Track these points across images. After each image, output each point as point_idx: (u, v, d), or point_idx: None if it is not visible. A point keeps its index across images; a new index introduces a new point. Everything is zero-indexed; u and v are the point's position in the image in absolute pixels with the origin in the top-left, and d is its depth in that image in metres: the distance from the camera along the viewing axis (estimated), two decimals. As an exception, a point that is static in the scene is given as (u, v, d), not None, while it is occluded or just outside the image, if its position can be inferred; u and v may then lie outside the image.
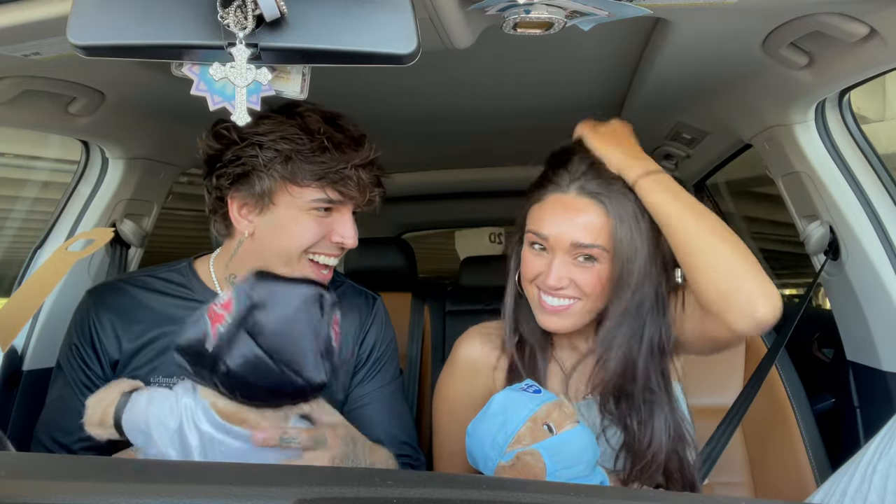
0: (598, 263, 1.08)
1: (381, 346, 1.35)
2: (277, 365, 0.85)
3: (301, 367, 0.86)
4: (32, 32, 0.94)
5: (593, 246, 1.07)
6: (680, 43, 1.16)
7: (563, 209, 1.09)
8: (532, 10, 0.88)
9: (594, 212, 1.08)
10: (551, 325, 1.13)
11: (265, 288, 0.88)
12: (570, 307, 1.11)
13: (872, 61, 1.08)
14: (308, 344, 0.87)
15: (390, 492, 0.50)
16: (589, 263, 1.08)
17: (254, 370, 0.85)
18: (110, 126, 1.47)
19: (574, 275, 1.08)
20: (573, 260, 1.09)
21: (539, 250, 1.12)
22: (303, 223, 1.14)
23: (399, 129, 1.94)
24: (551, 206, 1.11)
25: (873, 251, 1.32)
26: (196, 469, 0.61)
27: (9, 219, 4.06)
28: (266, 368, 0.84)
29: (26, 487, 0.51)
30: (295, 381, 0.86)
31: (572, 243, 1.07)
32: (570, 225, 1.08)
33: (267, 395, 0.88)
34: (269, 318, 0.86)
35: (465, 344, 1.27)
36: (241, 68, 0.78)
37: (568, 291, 1.09)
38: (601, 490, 0.65)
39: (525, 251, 1.14)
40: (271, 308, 0.86)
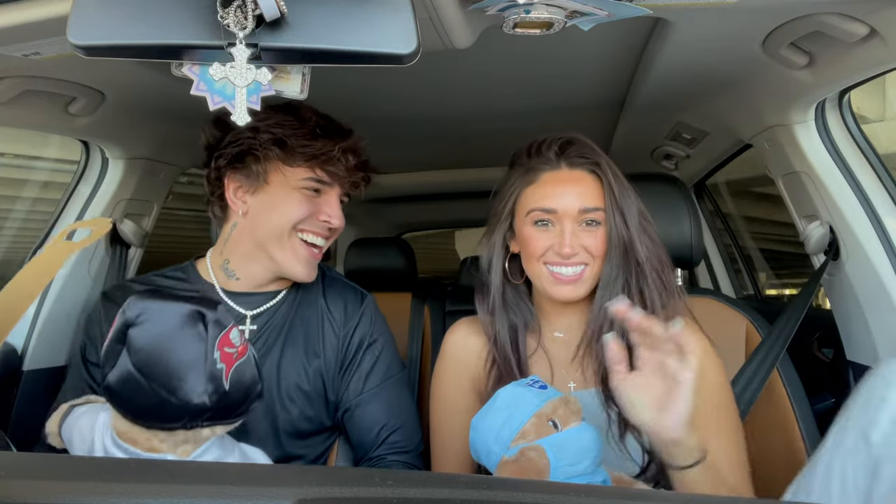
0: (600, 226, 1.17)
1: (371, 343, 1.34)
2: (148, 383, 0.83)
3: (175, 387, 0.83)
4: (32, 32, 0.95)
5: (597, 209, 1.16)
6: (680, 43, 1.16)
7: (563, 182, 1.18)
8: (532, 10, 0.88)
9: (589, 179, 1.18)
10: (568, 294, 1.17)
11: (142, 305, 0.87)
12: (582, 274, 1.17)
13: (872, 61, 1.08)
14: (184, 364, 0.84)
15: (390, 492, 0.50)
16: (594, 227, 1.17)
17: (128, 387, 0.84)
18: (110, 126, 1.47)
19: (583, 240, 1.16)
20: (580, 226, 1.17)
21: (544, 226, 1.18)
22: (293, 200, 1.23)
23: (399, 129, 1.94)
24: (551, 183, 1.19)
25: (873, 251, 1.32)
26: (196, 469, 0.61)
27: (9, 219, 4.06)
28: (138, 386, 0.84)
29: (26, 487, 0.51)
30: (168, 400, 0.84)
31: (580, 209, 1.16)
32: (574, 194, 1.16)
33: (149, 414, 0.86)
34: (142, 335, 0.85)
35: (453, 335, 1.32)
36: (241, 68, 0.78)
37: (579, 257, 1.16)
38: (601, 490, 0.65)
39: (528, 232, 1.19)
40: (146, 325, 0.85)
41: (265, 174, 1.23)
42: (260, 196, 1.25)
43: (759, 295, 2.55)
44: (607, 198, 1.16)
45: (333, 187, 1.26)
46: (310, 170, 1.22)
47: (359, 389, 1.31)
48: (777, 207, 2.04)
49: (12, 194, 3.99)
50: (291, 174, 1.22)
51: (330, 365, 1.30)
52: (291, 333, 1.31)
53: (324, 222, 1.26)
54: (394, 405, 1.32)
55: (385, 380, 1.34)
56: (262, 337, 1.29)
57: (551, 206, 1.17)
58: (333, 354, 1.31)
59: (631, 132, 1.93)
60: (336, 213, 1.26)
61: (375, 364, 1.33)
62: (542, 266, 1.18)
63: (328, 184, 1.25)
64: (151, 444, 0.88)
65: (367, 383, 1.31)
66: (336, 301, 1.36)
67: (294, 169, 1.22)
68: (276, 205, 1.24)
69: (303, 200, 1.23)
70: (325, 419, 1.31)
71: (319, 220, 1.25)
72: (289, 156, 1.21)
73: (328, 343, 1.32)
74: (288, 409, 1.26)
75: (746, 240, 3.19)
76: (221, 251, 1.32)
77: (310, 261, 1.27)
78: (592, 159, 1.18)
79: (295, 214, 1.23)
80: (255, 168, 1.23)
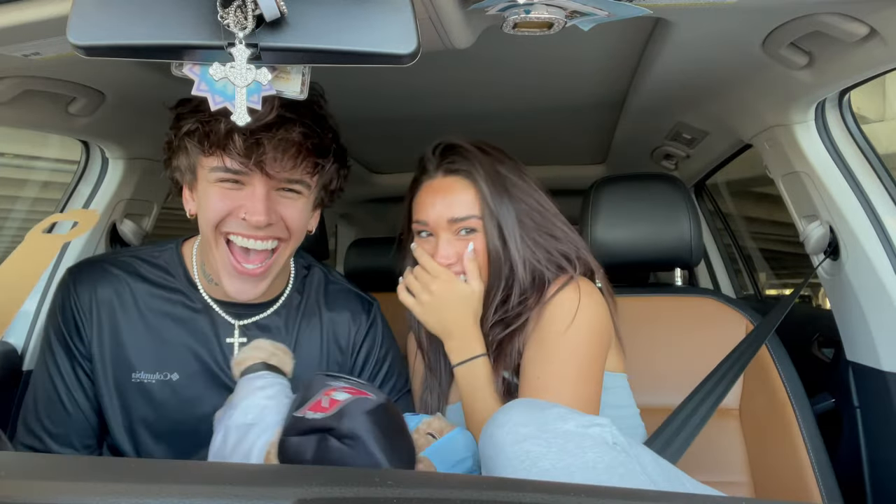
0: (478, 233, 1.17)
1: (380, 355, 1.30)
2: None
3: None
4: (32, 32, 0.94)
5: (469, 217, 1.16)
6: (680, 43, 1.16)
7: (435, 192, 1.19)
8: (532, 10, 0.88)
9: (462, 186, 1.18)
10: None
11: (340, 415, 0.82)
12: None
13: (872, 61, 1.08)
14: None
15: (390, 492, 0.50)
16: (471, 236, 1.17)
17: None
18: (110, 126, 1.46)
19: (459, 249, 1.18)
20: (456, 236, 1.18)
21: (427, 237, 1.21)
22: (212, 195, 1.08)
23: (399, 129, 1.94)
24: (425, 193, 1.21)
25: (873, 251, 1.32)
26: (196, 469, 0.61)
27: (9, 219, 4.06)
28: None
29: (26, 487, 0.51)
30: None
31: (449, 220, 1.17)
32: (444, 204, 1.17)
33: None
34: None
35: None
36: (241, 68, 0.78)
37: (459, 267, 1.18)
38: (601, 490, 0.65)
39: (416, 242, 1.23)
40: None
41: (192, 169, 1.11)
42: (196, 193, 1.13)
43: (759, 295, 2.55)
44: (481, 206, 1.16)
45: (252, 176, 1.05)
46: (219, 157, 1.05)
47: None
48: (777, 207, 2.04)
49: (12, 194, 3.99)
50: (206, 164, 1.07)
51: None
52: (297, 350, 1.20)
53: (243, 220, 1.07)
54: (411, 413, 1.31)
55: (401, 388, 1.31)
56: None
57: (424, 218, 1.19)
58: (341, 367, 1.26)
59: (631, 132, 1.93)
60: (257, 208, 1.04)
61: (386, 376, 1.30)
62: None
63: (243, 172, 1.05)
64: None
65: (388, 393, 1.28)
66: (340, 311, 1.28)
67: (207, 158, 1.06)
68: (201, 202, 1.10)
69: (220, 195, 1.07)
70: None
71: (239, 218, 1.07)
72: (201, 143, 1.05)
73: (333, 357, 1.26)
74: None
75: (746, 240, 3.20)
76: (199, 251, 1.22)
77: (237, 276, 1.10)
78: (464, 166, 1.18)
79: (212, 213, 1.07)
80: (180, 162, 1.11)
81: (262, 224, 1.06)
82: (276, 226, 1.09)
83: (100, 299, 1.18)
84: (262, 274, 1.11)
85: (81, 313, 1.17)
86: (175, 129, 1.10)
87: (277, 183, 1.08)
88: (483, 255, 1.18)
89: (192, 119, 1.06)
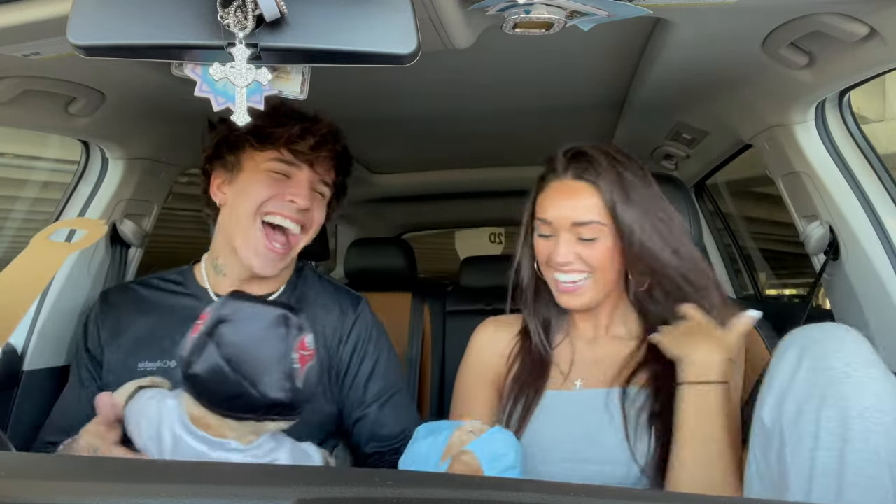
0: (600, 238, 1.17)
1: (367, 349, 1.32)
2: (235, 374, 0.92)
3: (257, 380, 0.92)
4: (32, 32, 0.95)
5: (590, 222, 1.16)
6: (680, 43, 1.16)
7: (561, 193, 1.19)
8: (532, 10, 0.88)
9: (588, 192, 1.17)
10: (568, 303, 1.21)
11: (236, 305, 0.97)
12: (581, 284, 1.19)
13: (872, 61, 1.08)
14: (267, 361, 0.93)
15: (390, 492, 0.50)
16: (592, 239, 1.17)
17: (214, 377, 0.92)
18: (110, 126, 1.46)
19: (579, 251, 1.17)
20: (577, 238, 1.17)
21: (547, 235, 1.21)
22: (261, 181, 1.25)
23: (399, 129, 1.94)
24: (552, 193, 1.20)
25: (873, 251, 1.32)
26: (196, 469, 0.61)
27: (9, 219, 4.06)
28: (224, 376, 0.92)
29: (26, 487, 0.51)
30: (250, 392, 0.92)
31: (572, 223, 1.16)
32: (568, 206, 1.17)
33: (228, 404, 0.94)
34: (233, 332, 0.94)
35: (480, 333, 1.36)
36: (241, 68, 0.78)
37: (576, 266, 1.18)
38: (601, 490, 0.65)
39: (536, 239, 1.23)
40: (238, 323, 0.94)
41: (239, 163, 1.27)
42: (235, 185, 1.28)
43: (759, 295, 2.55)
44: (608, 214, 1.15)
45: (302, 170, 1.26)
46: (276, 150, 1.25)
47: (360, 399, 1.29)
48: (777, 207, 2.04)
49: (12, 194, 3.99)
50: (261, 157, 1.26)
51: (327, 373, 1.29)
52: None
53: (290, 202, 1.24)
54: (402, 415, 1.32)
55: (392, 386, 1.33)
56: None
57: (547, 216, 1.19)
58: (329, 362, 1.29)
59: (631, 132, 1.93)
60: (303, 193, 1.25)
61: (374, 371, 1.31)
62: (550, 271, 1.22)
63: (296, 165, 1.26)
64: (222, 430, 0.95)
65: (368, 392, 1.30)
66: (330, 306, 1.34)
67: (263, 153, 1.25)
68: (246, 188, 1.26)
69: (270, 181, 1.25)
70: (329, 426, 1.30)
71: (286, 200, 1.24)
72: (258, 141, 1.25)
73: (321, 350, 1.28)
74: None
75: (746, 240, 3.19)
76: (213, 249, 1.34)
77: (266, 254, 1.25)
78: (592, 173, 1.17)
79: (261, 194, 1.24)
80: (230, 158, 1.28)
81: (306, 207, 1.25)
82: (308, 214, 1.28)
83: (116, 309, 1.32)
84: (285, 254, 1.27)
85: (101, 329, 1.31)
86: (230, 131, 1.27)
87: (316, 182, 1.28)
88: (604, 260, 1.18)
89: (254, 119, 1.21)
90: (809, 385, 0.87)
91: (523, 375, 1.26)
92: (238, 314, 0.95)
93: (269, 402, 0.93)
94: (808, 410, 0.85)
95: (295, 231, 1.26)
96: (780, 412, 0.89)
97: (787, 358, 0.91)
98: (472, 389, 1.31)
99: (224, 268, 1.31)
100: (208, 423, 0.96)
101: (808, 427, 0.85)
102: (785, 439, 0.87)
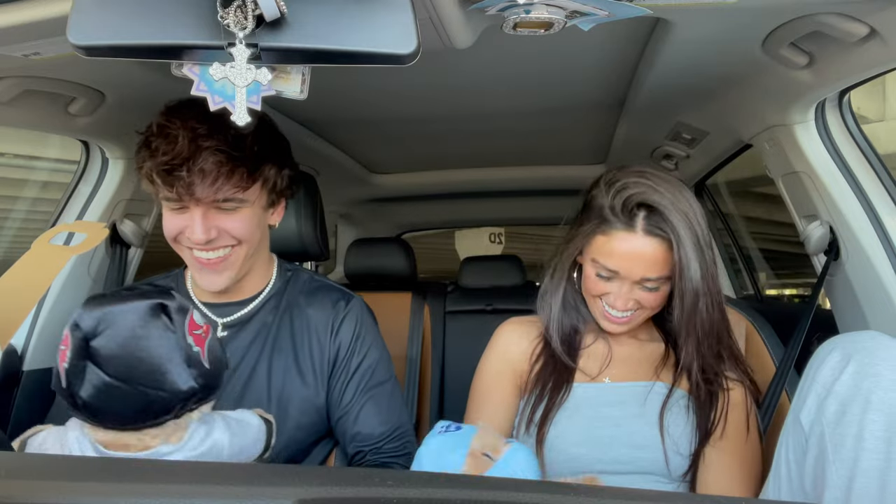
0: (662, 287, 1.20)
1: (356, 346, 1.31)
2: (133, 387, 0.83)
3: (160, 381, 0.84)
4: (32, 32, 0.94)
5: (660, 278, 1.18)
6: (680, 43, 1.16)
7: (632, 249, 1.16)
8: (532, 10, 0.88)
9: (660, 248, 1.16)
10: (615, 330, 1.26)
11: (98, 313, 0.86)
12: (632, 318, 1.23)
13: (872, 61, 1.08)
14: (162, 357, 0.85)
15: (390, 492, 0.50)
16: (653, 290, 1.20)
17: (110, 397, 0.83)
18: (110, 126, 1.46)
19: (640, 297, 1.20)
20: (640, 287, 1.19)
21: (606, 277, 1.21)
22: (166, 217, 1.20)
23: (399, 129, 1.94)
24: (619, 244, 1.17)
25: (873, 251, 1.32)
26: (196, 469, 0.61)
27: (9, 219, 4.06)
28: (123, 393, 0.83)
29: (26, 487, 0.51)
30: (159, 396, 0.85)
31: (641, 278, 1.18)
32: (639, 263, 1.17)
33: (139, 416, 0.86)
34: (108, 342, 0.84)
35: (504, 330, 1.38)
36: (241, 68, 0.78)
37: (632, 305, 1.21)
38: (601, 490, 0.65)
39: (589, 272, 1.23)
40: (109, 331, 0.84)
41: (156, 193, 1.20)
42: None
43: (758, 295, 2.55)
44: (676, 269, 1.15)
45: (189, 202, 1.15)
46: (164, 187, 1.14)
47: (347, 396, 1.28)
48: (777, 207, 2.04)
49: (12, 194, 3.99)
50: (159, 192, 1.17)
51: (318, 371, 1.28)
52: (279, 343, 1.28)
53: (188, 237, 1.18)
54: (384, 414, 1.29)
55: (374, 387, 1.30)
56: (250, 348, 1.27)
57: (614, 267, 1.18)
58: (320, 360, 1.29)
59: (631, 132, 1.93)
60: (195, 230, 1.15)
61: (360, 368, 1.30)
62: (598, 301, 1.24)
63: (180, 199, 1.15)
64: (144, 442, 0.88)
65: (355, 390, 1.28)
66: (320, 305, 1.33)
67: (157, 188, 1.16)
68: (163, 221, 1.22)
69: (172, 216, 1.19)
70: (321, 427, 1.29)
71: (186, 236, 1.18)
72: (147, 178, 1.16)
73: (315, 349, 1.29)
74: (281, 419, 1.24)
75: (746, 240, 3.20)
76: None
77: (204, 270, 1.21)
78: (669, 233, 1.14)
79: (170, 229, 1.20)
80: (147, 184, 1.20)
81: (202, 242, 1.17)
82: (221, 238, 1.19)
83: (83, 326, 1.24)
84: (222, 268, 1.21)
85: None
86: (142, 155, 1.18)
87: (211, 204, 1.15)
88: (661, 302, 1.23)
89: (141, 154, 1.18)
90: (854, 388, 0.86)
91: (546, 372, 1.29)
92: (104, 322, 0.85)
93: (183, 396, 0.86)
94: (852, 413, 0.86)
95: (218, 255, 1.20)
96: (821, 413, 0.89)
97: (830, 362, 0.91)
98: (491, 387, 1.32)
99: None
100: (126, 442, 0.87)
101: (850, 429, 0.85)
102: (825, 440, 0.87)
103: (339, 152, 2.17)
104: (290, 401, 1.25)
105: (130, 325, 0.85)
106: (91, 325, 0.84)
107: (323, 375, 1.29)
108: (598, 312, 1.25)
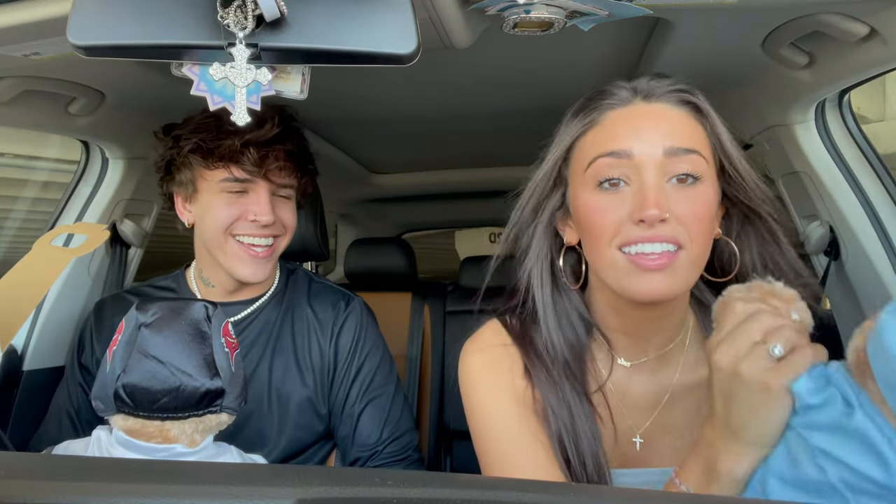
0: (702, 181, 0.82)
1: (358, 348, 1.31)
2: (167, 368, 0.94)
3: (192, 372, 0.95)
4: (32, 32, 0.94)
5: (691, 151, 0.81)
6: (680, 43, 1.16)
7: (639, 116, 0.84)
8: (532, 10, 0.88)
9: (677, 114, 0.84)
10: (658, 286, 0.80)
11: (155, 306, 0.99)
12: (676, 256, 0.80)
13: (872, 61, 1.08)
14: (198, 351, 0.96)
15: (390, 492, 0.50)
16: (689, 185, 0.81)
17: (146, 375, 0.94)
18: (110, 126, 1.46)
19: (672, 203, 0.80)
20: (668, 182, 0.81)
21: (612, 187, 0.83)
22: (218, 204, 1.22)
23: (399, 129, 1.94)
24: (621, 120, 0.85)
25: (873, 251, 1.32)
26: (196, 469, 0.61)
27: (9, 219, 4.06)
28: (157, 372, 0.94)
29: (26, 487, 0.51)
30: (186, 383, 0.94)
31: (667, 150, 0.81)
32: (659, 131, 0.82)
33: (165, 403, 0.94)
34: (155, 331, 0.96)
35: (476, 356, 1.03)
36: (241, 68, 0.78)
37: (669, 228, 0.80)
38: (602, 490, 0.65)
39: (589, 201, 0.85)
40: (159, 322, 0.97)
41: (193, 182, 1.24)
42: (196, 204, 1.26)
43: (759, 295, 2.55)
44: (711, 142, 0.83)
45: (257, 183, 1.21)
46: (225, 169, 1.20)
47: (349, 398, 1.28)
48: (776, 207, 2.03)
49: (12, 194, 3.99)
50: (212, 177, 1.21)
51: (320, 372, 1.28)
52: (280, 342, 1.29)
53: (253, 222, 1.22)
54: (386, 416, 1.29)
55: (376, 388, 1.30)
56: (253, 346, 1.27)
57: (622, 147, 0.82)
58: (322, 361, 1.29)
59: (631, 132, 1.92)
60: (263, 210, 1.21)
61: (360, 373, 1.30)
62: (615, 252, 0.82)
63: (249, 181, 1.21)
64: (164, 434, 0.96)
65: (357, 392, 1.28)
66: (322, 306, 1.33)
67: (213, 171, 1.21)
68: (206, 211, 1.23)
69: (227, 203, 1.21)
70: (320, 427, 1.29)
71: (248, 221, 1.22)
72: (206, 159, 1.20)
73: (315, 350, 1.29)
74: (282, 419, 1.24)
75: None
76: (197, 261, 1.34)
77: (250, 260, 1.24)
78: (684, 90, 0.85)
79: (222, 219, 1.21)
80: (183, 177, 1.24)
81: (270, 223, 1.22)
82: (276, 224, 1.25)
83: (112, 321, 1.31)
84: (268, 256, 1.26)
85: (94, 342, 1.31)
86: (176, 149, 1.21)
87: (276, 188, 1.24)
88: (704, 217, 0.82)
89: (194, 138, 1.19)
90: None
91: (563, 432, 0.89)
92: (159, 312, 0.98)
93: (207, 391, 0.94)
94: None
95: (268, 243, 1.25)
96: None
97: None
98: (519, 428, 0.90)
99: (210, 279, 1.31)
100: (149, 432, 0.96)
101: None
102: None
103: (339, 152, 2.17)
104: (289, 400, 1.25)
105: (178, 318, 0.97)
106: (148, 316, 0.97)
107: (322, 377, 1.29)
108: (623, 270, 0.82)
